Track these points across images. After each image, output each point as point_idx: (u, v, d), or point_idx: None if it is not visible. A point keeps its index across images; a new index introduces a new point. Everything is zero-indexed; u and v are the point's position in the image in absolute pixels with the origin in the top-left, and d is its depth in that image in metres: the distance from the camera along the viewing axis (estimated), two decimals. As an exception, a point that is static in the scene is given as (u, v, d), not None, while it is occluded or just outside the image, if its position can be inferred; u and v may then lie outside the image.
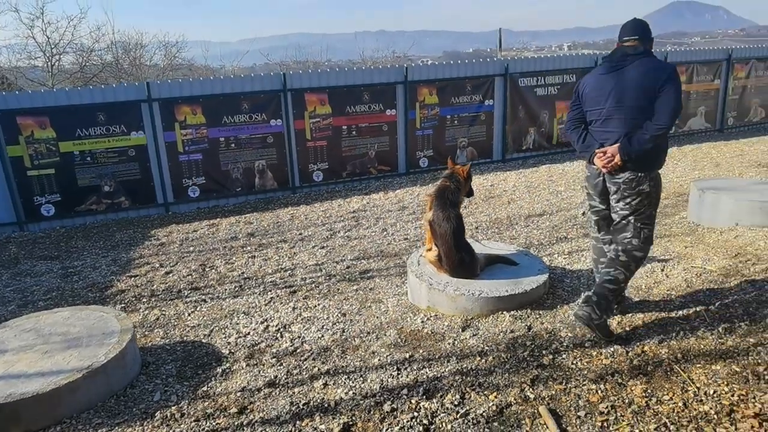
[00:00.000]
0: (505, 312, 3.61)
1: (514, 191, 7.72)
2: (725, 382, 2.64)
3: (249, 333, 3.86)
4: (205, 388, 3.14)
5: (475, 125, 9.88)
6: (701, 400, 2.52)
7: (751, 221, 5.09)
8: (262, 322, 4.00)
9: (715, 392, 2.57)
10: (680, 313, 3.45)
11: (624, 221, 3.28)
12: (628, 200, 3.22)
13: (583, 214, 6.29)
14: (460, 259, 3.87)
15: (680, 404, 2.51)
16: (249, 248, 5.98)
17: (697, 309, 3.48)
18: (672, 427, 2.36)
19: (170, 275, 5.26)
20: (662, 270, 4.24)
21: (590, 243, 3.69)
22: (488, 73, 9.77)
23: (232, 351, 3.59)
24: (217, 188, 8.33)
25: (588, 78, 3.37)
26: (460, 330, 3.48)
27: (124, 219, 7.72)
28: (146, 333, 4.00)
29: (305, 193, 8.71)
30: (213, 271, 5.33)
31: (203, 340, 3.81)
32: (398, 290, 4.37)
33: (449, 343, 3.33)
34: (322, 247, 5.76)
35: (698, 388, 2.61)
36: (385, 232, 6.17)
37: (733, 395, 2.53)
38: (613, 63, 3.23)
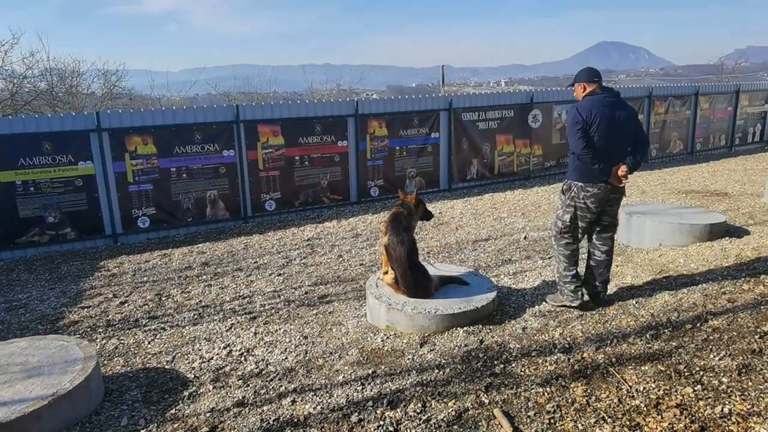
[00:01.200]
0: (459, 328, 3.88)
1: (461, 218, 8.13)
2: (652, 380, 3.00)
3: (213, 358, 3.93)
4: (173, 411, 3.19)
5: (423, 156, 10.33)
6: (633, 396, 2.85)
7: (672, 242, 5.66)
8: (224, 347, 4.08)
9: (644, 389, 2.91)
10: (614, 323, 3.83)
11: (612, 221, 4.21)
12: (618, 205, 4.20)
13: (525, 238, 6.74)
14: (415, 280, 4.13)
15: (615, 400, 2.83)
16: (204, 277, 6.01)
17: (628, 319, 3.87)
18: (609, 420, 2.66)
19: (126, 305, 5.22)
20: (597, 286, 4.65)
21: (563, 243, 4.20)
22: (434, 108, 10.30)
23: (197, 375, 3.66)
24: (167, 218, 8.28)
25: (594, 108, 3.90)
26: (419, 346, 3.71)
27: (70, 251, 7.52)
28: (105, 362, 3.98)
29: (257, 222, 8.78)
30: (170, 300, 5.33)
31: (166, 366, 3.85)
32: (357, 312, 4.56)
33: (409, 359, 3.55)
34: (279, 275, 5.88)
35: (630, 386, 2.95)
36: (340, 259, 6.36)
37: (659, 390, 2.88)
38: (613, 98, 3.98)
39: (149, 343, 4.29)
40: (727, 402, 2.73)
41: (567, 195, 4.11)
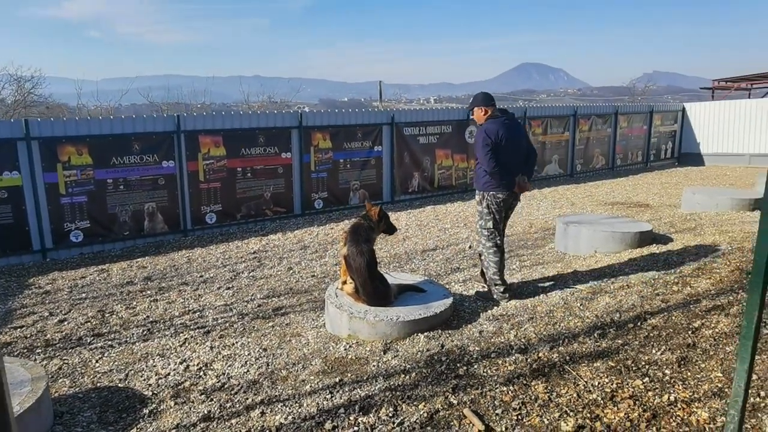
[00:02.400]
0: (419, 333, 3.98)
1: (407, 229, 8.30)
2: (605, 375, 3.22)
3: (169, 373, 3.79)
4: (134, 431, 3.06)
5: (366, 169, 10.47)
6: (590, 390, 3.06)
7: (606, 249, 6.08)
8: (181, 363, 3.95)
9: (599, 383, 3.13)
10: (563, 325, 4.07)
11: (506, 222, 4.89)
12: (514, 209, 4.93)
13: (470, 247, 6.99)
14: (375, 289, 4.21)
15: (574, 395, 3.02)
16: (149, 292, 5.77)
17: (575, 321, 4.13)
18: (571, 414, 2.84)
19: (65, 323, 4.92)
20: (542, 291, 4.93)
21: (492, 250, 4.76)
22: (377, 122, 10.49)
23: (156, 392, 3.52)
24: (103, 232, 7.87)
25: (499, 130, 4.56)
26: (382, 353, 3.77)
27: (-8, 268, 6.97)
28: (49, 384, 3.73)
29: (198, 235, 8.53)
30: (114, 316, 5.08)
31: (120, 385, 3.67)
32: (315, 323, 4.56)
33: (374, 366, 3.60)
34: (228, 288, 5.75)
35: (586, 382, 3.16)
36: (291, 271, 6.32)
37: (612, 384, 3.11)
38: (509, 120, 4.69)
39: (97, 361, 4.08)
40: (672, 391, 2.99)
41: (483, 205, 4.69)
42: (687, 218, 7.93)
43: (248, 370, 3.75)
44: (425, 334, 3.98)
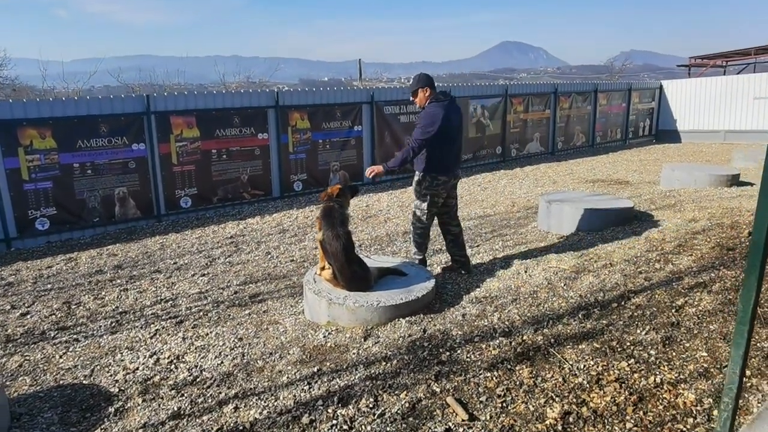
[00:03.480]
0: (401, 318, 3.85)
1: (388, 210, 8.15)
2: (590, 357, 3.14)
3: (138, 368, 3.61)
4: (98, 431, 2.89)
5: (346, 149, 10.25)
6: (575, 374, 2.97)
7: (589, 227, 6.02)
8: (151, 356, 3.77)
9: (584, 366, 3.04)
10: (547, 306, 3.98)
11: (455, 201, 4.93)
12: (456, 189, 4.91)
13: (453, 228, 6.87)
14: (353, 273, 4.06)
15: (560, 379, 2.93)
16: (119, 281, 5.54)
17: (560, 301, 4.05)
18: (557, 399, 2.75)
19: (28, 317, 4.68)
20: (525, 271, 4.84)
21: (419, 231, 4.83)
22: (356, 101, 10.24)
23: (123, 389, 3.34)
24: (71, 219, 7.56)
25: (442, 112, 4.46)
26: (363, 340, 3.64)
27: (-47, 259, 6.65)
28: (8, 383, 3.53)
29: (172, 221, 8.27)
30: (81, 308, 4.86)
31: (84, 382, 3.49)
32: (294, 310, 4.41)
33: (354, 353, 3.47)
34: (203, 275, 5.55)
35: (571, 365, 3.07)
36: (269, 256, 6.13)
37: (597, 367, 3.02)
38: (449, 103, 4.56)
39: (61, 357, 3.87)
40: (657, 372, 2.92)
41: (422, 186, 4.64)
42: (666, 195, 7.92)
43: (222, 362, 3.59)
44: (407, 319, 3.86)
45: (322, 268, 4.25)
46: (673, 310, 3.70)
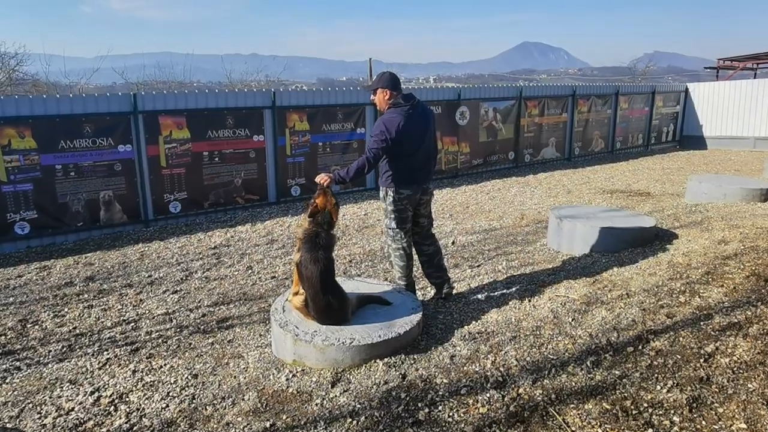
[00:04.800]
0: (378, 360, 3.32)
1: (386, 221, 7.61)
2: (598, 423, 2.58)
3: (74, 409, 3.13)
4: (-2, 498, 2.41)
5: (348, 153, 9.73)
6: (579, 449, 2.42)
7: (604, 248, 5.41)
8: (92, 393, 3.29)
9: (590, 438, 2.48)
10: (550, 347, 3.42)
11: (428, 219, 4.37)
12: (429, 205, 4.36)
13: (453, 243, 6.32)
14: (327, 304, 3.53)
15: (559, 456, 2.38)
16: (86, 296, 5.10)
17: (566, 342, 3.48)
18: (553, 487, 2.20)
19: (-26, 337, 4.25)
20: (529, 301, 4.26)
21: (398, 253, 4.22)
22: (359, 102, 9.72)
23: (46, 437, 2.87)
24: (52, 223, 7.16)
25: (401, 122, 3.92)
26: (330, 386, 3.11)
27: None
28: (-73, 421, 3.08)
29: (160, 226, 7.83)
30: (36, 327, 4.41)
31: (8, 425, 3.02)
32: (262, 341, 3.90)
33: (317, 404, 2.94)
34: (175, 292, 5.07)
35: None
36: (249, 271, 5.64)
37: (607, 439, 2.46)
38: (411, 109, 3.99)
39: (-7, 390, 3.42)
40: (683, 451, 2.35)
41: (387, 202, 4.14)
42: (692, 210, 7.25)
43: (168, 405, 3.09)
44: (385, 360, 3.32)
45: (295, 294, 3.73)
46: (702, 360, 3.11)
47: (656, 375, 2.99)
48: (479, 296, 4.50)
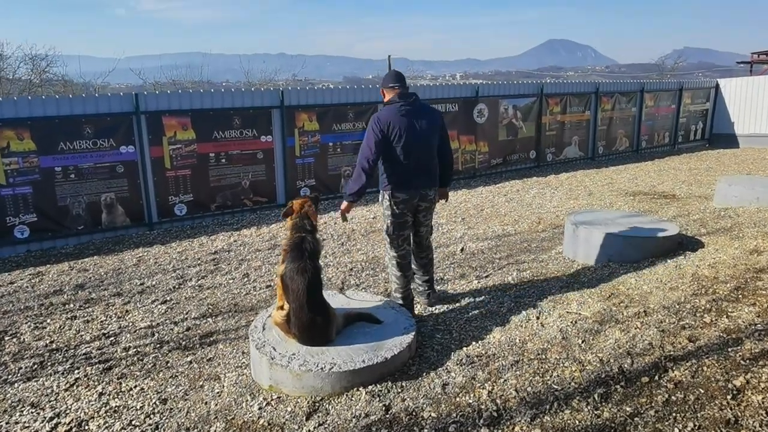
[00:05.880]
0: (361, 388, 2.99)
1: (394, 225, 7.27)
2: (604, 476, 2.21)
3: (29, 437, 2.90)
4: None
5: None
6: None
7: (622, 257, 4.98)
8: (51, 419, 3.05)
9: (593, 496, 2.12)
10: (555, 375, 3.04)
11: (426, 228, 4.16)
12: (430, 213, 4.14)
13: (462, 250, 5.96)
14: (311, 321, 3.22)
15: None
16: (72, 306, 4.90)
17: (573, 368, 3.10)
18: None
19: (-51, 350, 4.07)
20: (537, 318, 3.89)
21: (393, 261, 4.06)
22: (371, 101, 9.41)
23: (-7, 471, 2.63)
24: (53, 227, 7.03)
25: (392, 120, 3.79)
26: (305, 418, 2.81)
27: None
28: None
29: (165, 229, 7.65)
30: (14, 340, 4.21)
31: (-43, 454, 2.79)
32: (243, 360, 3.61)
33: (287, 440, 2.64)
34: (164, 302, 4.84)
35: (574, 491, 2.15)
36: (246, 278, 5.38)
37: (613, 499, 2.10)
38: (408, 107, 3.83)
39: (-48, 412, 3.21)
40: None
41: (384, 206, 4.03)
42: (721, 215, 6.73)
43: (128, 436, 2.83)
44: (369, 388, 3.00)
45: (280, 308, 3.43)
46: (729, 396, 2.70)
47: (674, 414, 2.60)
48: (483, 311, 4.14)
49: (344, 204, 3.98)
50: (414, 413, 2.77)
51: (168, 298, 4.92)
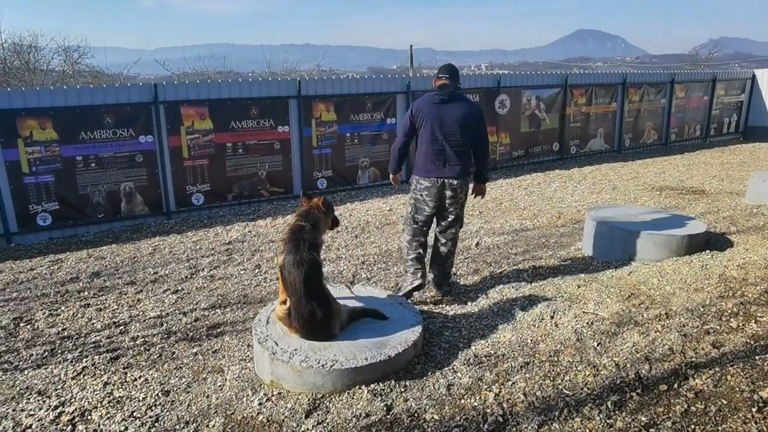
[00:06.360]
0: (363, 386, 2.91)
1: (410, 218, 7.16)
2: (612, 490, 2.09)
3: (31, 426, 2.90)
4: None
5: (378, 144, 9.32)
6: None
7: (645, 256, 4.79)
8: (56, 407, 3.05)
9: None
10: (567, 379, 2.91)
11: (454, 218, 4.22)
12: (458, 204, 4.20)
13: (477, 245, 5.81)
14: (311, 314, 3.14)
15: None
16: (86, 293, 4.94)
17: (586, 373, 2.96)
18: None
19: (-37, 336, 4.13)
20: (551, 318, 3.74)
21: (405, 245, 4.24)
22: (389, 90, 9.28)
23: (-7, 459, 2.64)
24: (74, 215, 7.12)
25: (422, 107, 4.07)
26: (304, 416, 2.74)
27: (-55, 254, 6.34)
28: None
29: (182, 218, 7.69)
30: (28, 327, 4.26)
31: (-39, 441, 2.81)
32: (247, 353, 3.57)
33: (285, 438, 2.58)
34: (175, 292, 4.83)
35: (579, 505, 2.04)
36: (257, 270, 5.35)
37: None
38: (444, 96, 4.05)
39: (-39, 398, 3.24)
40: None
41: (411, 188, 4.23)
42: (753, 212, 6.43)
43: (127, 428, 2.80)
44: (371, 387, 2.91)
45: (283, 302, 3.37)
46: (755, 409, 2.53)
47: (693, 426, 2.45)
48: (495, 309, 4.00)
49: (393, 179, 4.45)
50: (416, 415, 2.68)
51: (179, 288, 4.92)
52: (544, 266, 5.00)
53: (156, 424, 2.81)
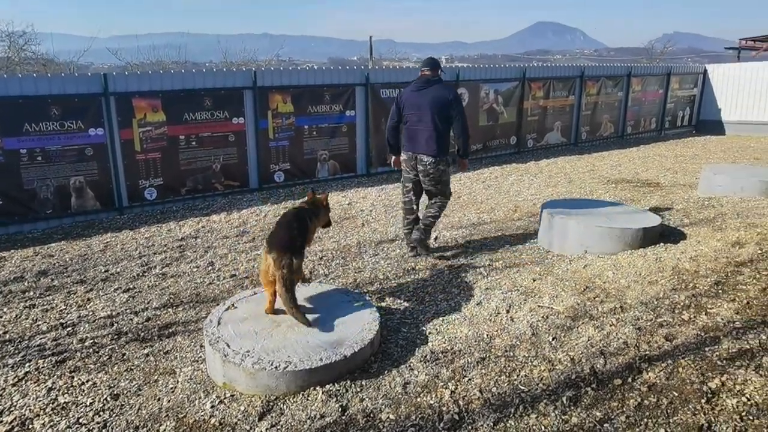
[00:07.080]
0: (318, 387, 2.85)
1: (371, 211, 7.10)
2: (565, 487, 2.10)
3: (-36, 439, 2.72)
4: None
5: (337, 137, 9.20)
6: None
7: (600, 248, 4.88)
8: (-7, 418, 2.88)
9: None
10: (522, 375, 2.93)
11: (433, 190, 5.05)
12: (435, 180, 4.99)
13: (436, 239, 5.81)
14: (290, 240, 3.44)
15: None
16: (32, 293, 4.69)
17: (542, 368, 2.98)
18: None
19: None
20: (507, 312, 3.76)
21: (400, 201, 5.38)
22: (348, 82, 9.14)
23: None
24: (19, 210, 6.75)
25: (404, 94, 5.01)
26: (257, 419, 2.66)
27: None
28: None
29: (135, 213, 7.41)
30: (-36, 331, 4.01)
31: None
32: (200, 354, 3.45)
33: (237, 444, 2.50)
34: (126, 290, 4.64)
35: (533, 503, 2.04)
36: (210, 267, 5.19)
37: None
38: (420, 84, 4.91)
39: None
40: None
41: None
42: (704, 205, 6.65)
43: (71, 438, 2.66)
44: (326, 387, 2.86)
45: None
46: (704, 400, 2.60)
47: (646, 419, 2.49)
48: (452, 304, 4.01)
49: (393, 158, 5.30)
50: (371, 415, 2.64)
51: (131, 286, 4.73)
52: (500, 260, 5.04)
53: (103, 431, 2.68)
